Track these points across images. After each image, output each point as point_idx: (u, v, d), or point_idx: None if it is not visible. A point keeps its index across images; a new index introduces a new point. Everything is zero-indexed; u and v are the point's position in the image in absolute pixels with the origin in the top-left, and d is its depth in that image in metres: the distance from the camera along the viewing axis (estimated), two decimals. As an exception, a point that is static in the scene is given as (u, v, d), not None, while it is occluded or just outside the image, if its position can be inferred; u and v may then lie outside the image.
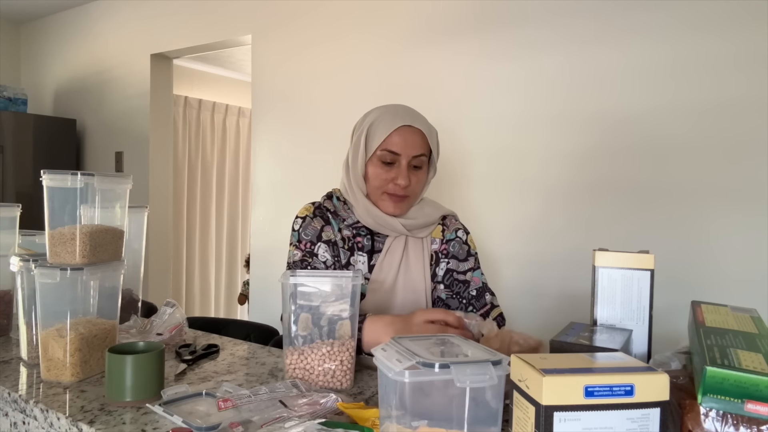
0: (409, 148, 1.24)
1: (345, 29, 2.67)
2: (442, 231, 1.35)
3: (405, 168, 1.24)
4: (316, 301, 1.03)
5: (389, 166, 1.25)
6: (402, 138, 1.24)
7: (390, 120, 1.25)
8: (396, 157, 1.25)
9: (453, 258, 1.33)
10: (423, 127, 1.27)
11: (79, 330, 1.08)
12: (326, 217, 1.33)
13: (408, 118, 1.26)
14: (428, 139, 1.27)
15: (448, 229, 1.36)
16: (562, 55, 2.09)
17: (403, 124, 1.25)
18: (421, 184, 1.31)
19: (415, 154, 1.25)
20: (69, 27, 4.03)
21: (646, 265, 0.95)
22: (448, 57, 2.36)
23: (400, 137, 1.24)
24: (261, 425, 0.81)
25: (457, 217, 1.41)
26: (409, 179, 1.25)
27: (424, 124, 1.29)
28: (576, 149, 2.07)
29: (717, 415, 0.65)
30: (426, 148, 1.27)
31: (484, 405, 0.70)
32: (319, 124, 2.75)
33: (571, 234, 2.08)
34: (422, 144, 1.26)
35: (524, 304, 2.18)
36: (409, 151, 1.24)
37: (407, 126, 1.25)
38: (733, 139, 1.80)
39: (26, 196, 3.37)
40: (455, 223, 1.38)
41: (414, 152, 1.25)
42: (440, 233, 1.35)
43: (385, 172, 1.25)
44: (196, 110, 4.63)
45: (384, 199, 1.27)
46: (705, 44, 1.84)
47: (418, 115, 1.30)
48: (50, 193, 1.10)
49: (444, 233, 1.35)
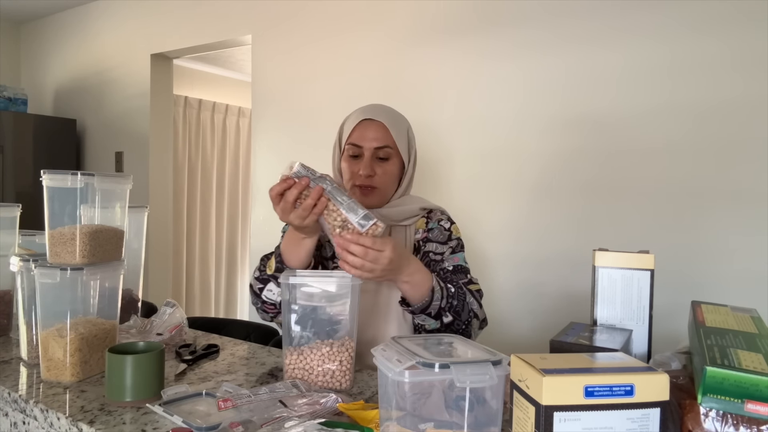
0: (370, 140, 1.29)
1: (345, 29, 2.67)
2: (426, 222, 1.37)
3: (368, 159, 1.29)
4: (316, 301, 1.03)
5: (356, 159, 1.31)
6: (363, 130, 1.30)
7: (355, 116, 1.33)
8: (360, 150, 1.30)
9: (432, 242, 1.34)
10: (385, 120, 1.31)
11: (79, 330, 1.08)
12: None
13: (370, 112, 1.32)
14: (390, 132, 1.30)
15: (432, 220, 1.37)
16: (560, 56, 2.10)
17: (364, 118, 1.31)
18: (390, 176, 1.33)
19: (377, 146, 1.30)
20: (69, 27, 4.03)
21: (646, 265, 0.95)
22: (448, 57, 2.36)
23: (362, 130, 1.30)
24: (261, 425, 0.81)
25: (445, 212, 1.41)
26: (373, 170, 1.30)
27: (388, 117, 1.33)
28: (576, 149, 2.07)
29: (717, 415, 0.65)
30: (390, 140, 1.31)
31: (483, 405, 0.70)
32: (319, 123, 2.75)
33: (571, 234, 2.08)
34: (384, 136, 1.30)
35: (524, 304, 2.18)
36: (370, 142, 1.29)
37: (368, 119, 1.31)
38: (731, 139, 1.80)
39: (26, 196, 3.37)
40: (440, 215, 1.39)
41: (375, 144, 1.29)
42: (424, 224, 1.36)
43: (353, 165, 1.31)
44: (196, 110, 4.63)
45: (355, 192, 1.32)
46: (702, 45, 1.84)
47: (385, 110, 1.35)
48: (50, 193, 1.10)
49: (428, 224, 1.36)
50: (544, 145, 2.14)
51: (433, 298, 1.12)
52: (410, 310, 1.15)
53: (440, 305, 1.13)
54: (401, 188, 1.37)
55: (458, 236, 1.36)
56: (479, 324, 1.22)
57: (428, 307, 1.12)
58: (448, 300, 1.14)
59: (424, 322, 1.16)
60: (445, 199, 2.27)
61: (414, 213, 1.36)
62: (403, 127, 1.36)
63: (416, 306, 1.13)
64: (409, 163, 1.36)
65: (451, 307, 1.14)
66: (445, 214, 1.41)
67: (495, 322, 2.18)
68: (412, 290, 1.12)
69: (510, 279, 2.20)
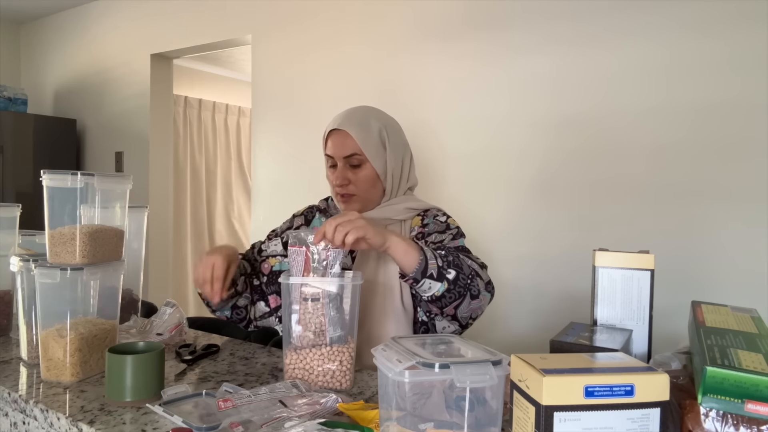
0: (339, 150, 1.32)
1: (345, 29, 2.67)
2: (421, 219, 1.37)
3: (340, 168, 1.33)
4: (316, 301, 1.03)
5: (334, 169, 1.35)
6: (333, 141, 1.34)
7: (329, 126, 1.36)
8: (334, 160, 1.34)
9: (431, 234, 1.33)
10: (351, 128, 1.32)
11: (79, 330, 1.08)
12: (310, 218, 1.44)
13: (338, 122, 1.34)
14: (357, 140, 1.31)
15: (427, 217, 1.37)
16: (556, 56, 2.10)
17: (332, 128, 1.34)
18: (365, 181, 1.33)
19: (345, 155, 1.32)
20: (69, 27, 4.03)
21: (646, 265, 0.95)
22: (445, 57, 2.36)
23: (333, 140, 1.34)
24: (261, 425, 0.81)
25: (441, 209, 1.41)
26: (346, 178, 1.32)
27: (354, 125, 1.32)
28: (575, 149, 2.07)
29: (717, 415, 0.65)
30: (356, 148, 1.31)
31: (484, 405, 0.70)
32: (319, 124, 2.72)
33: (571, 234, 2.08)
34: (351, 144, 1.32)
35: (524, 304, 2.18)
36: (339, 152, 1.32)
37: (336, 129, 1.34)
38: (731, 139, 1.80)
39: (26, 196, 3.37)
40: (435, 212, 1.38)
41: (344, 153, 1.32)
42: (419, 221, 1.37)
43: (332, 174, 1.35)
44: (196, 110, 4.63)
45: (339, 200, 1.37)
46: (700, 45, 1.84)
47: (353, 117, 1.35)
48: (50, 193, 1.10)
49: (423, 221, 1.36)
50: (543, 145, 2.14)
51: (427, 257, 1.09)
52: (412, 277, 1.10)
53: (438, 263, 1.09)
54: (388, 189, 1.36)
55: (457, 225, 1.36)
56: (485, 285, 1.17)
57: (426, 267, 1.08)
58: (442, 258, 1.11)
59: (431, 290, 1.10)
60: (442, 199, 2.27)
61: (407, 210, 1.36)
62: (373, 131, 1.33)
63: (416, 269, 1.08)
64: (389, 163, 1.34)
65: (449, 263, 1.11)
66: (441, 210, 1.41)
67: (495, 322, 2.19)
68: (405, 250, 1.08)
69: (510, 279, 2.20)
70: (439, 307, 1.13)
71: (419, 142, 1.86)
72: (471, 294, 1.13)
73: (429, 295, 1.12)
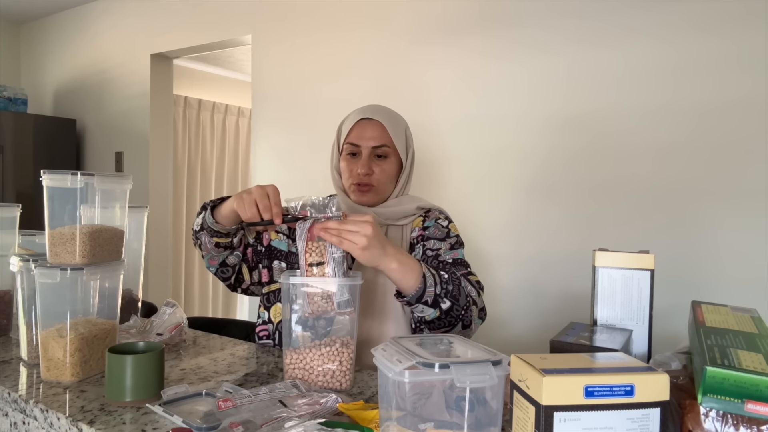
0: (368, 139, 1.32)
1: (345, 29, 2.67)
2: (422, 221, 1.37)
3: (366, 158, 1.32)
4: (316, 301, 1.03)
5: (354, 158, 1.34)
6: (361, 130, 1.33)
7: (354, 116, 1.35)
8: (357, 149, 1.33)
9: (430, 239, 1.33)
10: (383, 119, 1.33)
11: (79, 330, 1.08)
12: None
13: (369, 111, 1.34)
14: (388, 130, 1.32)
15: (429, 219, 1.37)
16: (562, 55, 2.10)
17: (362, 117, 1.33)
18: (387, 174, 1.34)
19: (374, 145, 1.32)
20: (69, 27, 4.03)
21: (646, 265, 0.95)
22: (448, 57, 2.36)
23: (360, 129, 1.33)
24: (261, 425, 0.81)
25: (443, 211, 1.41)
26: (371, 168, 1.32)
27: (386, 117, 1.34)
28: (577, 149, 2.07)
29: (717, 415, 0.65)
30: (387, 140, 1.32)
31: (484, 405, 0.70)
32: (319, 124, 2.75)
33: (572, 234, 2.08)
34: (382, 135, 1.32)
35: (524, 304, 2.18)
36: (367, 141, 1.32)
37: (366, 119, 1.33)
38: (733, 139, 1.80)
39: (26, 196, 3.37)
40: (437, 214, 1.39)
41: (373, 143, 1.32)
42: (420, 223, 1.36)
43: (351, 164, 1.34)
44: (196, 110, 4.63)
45: (353, 191, 1.34)
46: (707, 44, 1.83)
47: (383, 110, 1.36)
48: (50, 193, 1.10)
49: (424, 222, 1.36)
50: (545, 145, 2.14)
51: (426, 284, 1.08)
52: (406, 301, 1.10)
53: (435, 291, 1.09)
54: (398, 187, 1.37)
55: (457, 234, 1.36)
56: (478, 312, 1.18)
57: (423, 294, 1.08)
58: (442, 286, 1.10)
59: (423, 313, 1.11)
60: (445, 199, 2.27)
61: (411, 212, 1.36)
62: (401, 126, 1.37)
63: (411, 295, 1.08)
64: (407, 162, 1.37)
65: (447, 292, 1.11)
66: (444, 213, 1.41)
67: (495, 322, 2.19)
68: (402, 274, 1.07)
69: (510, 279, 2.20)
70: (429, 328, 1.15)
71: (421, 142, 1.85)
72: (463, 324, 1.15)
73: (420, 316, 1.13)
